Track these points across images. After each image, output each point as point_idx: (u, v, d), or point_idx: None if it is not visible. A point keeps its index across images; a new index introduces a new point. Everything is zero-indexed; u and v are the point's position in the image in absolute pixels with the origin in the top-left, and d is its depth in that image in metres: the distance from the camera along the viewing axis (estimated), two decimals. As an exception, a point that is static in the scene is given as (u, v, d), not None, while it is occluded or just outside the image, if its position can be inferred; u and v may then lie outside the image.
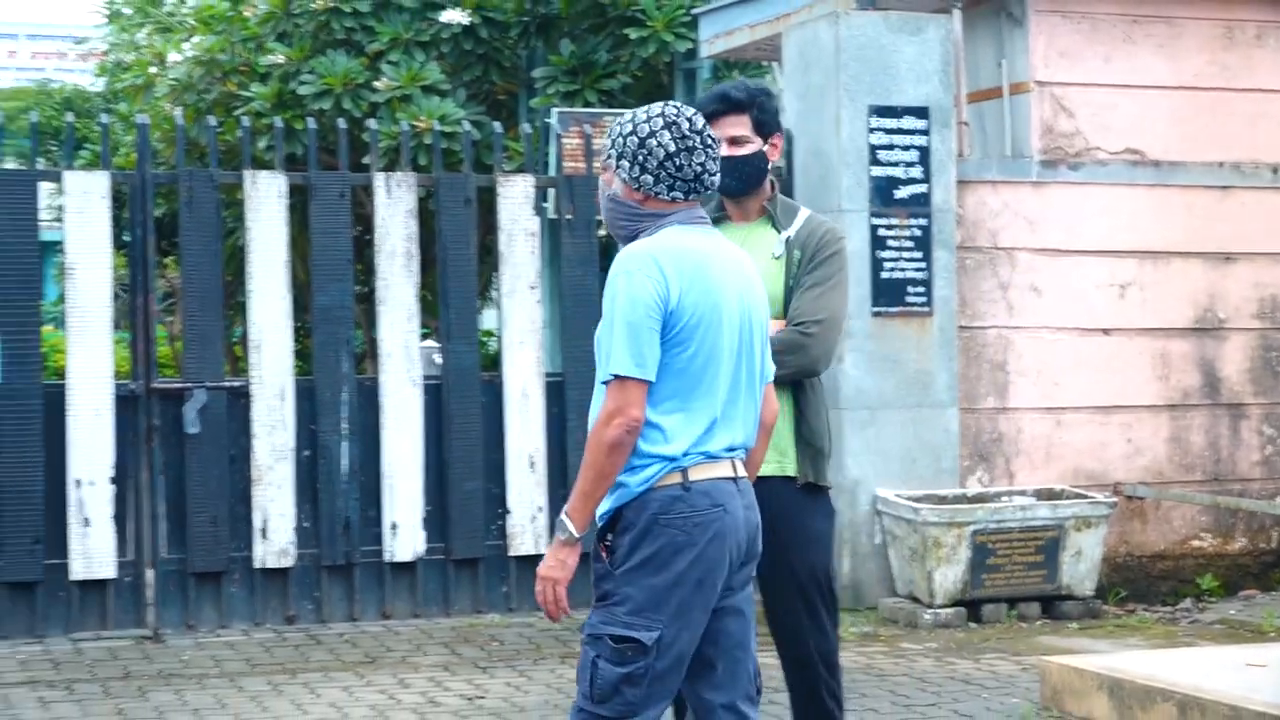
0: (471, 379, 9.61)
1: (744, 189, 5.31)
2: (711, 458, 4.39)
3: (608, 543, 4.39)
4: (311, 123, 9.68)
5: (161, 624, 9.06)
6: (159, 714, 7.45)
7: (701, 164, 4.45)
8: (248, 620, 9.20)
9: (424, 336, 11.03)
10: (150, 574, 9.10)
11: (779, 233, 5.31)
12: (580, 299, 9.60)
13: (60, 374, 9.16)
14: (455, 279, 9.63)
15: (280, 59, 12.67)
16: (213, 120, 10.10)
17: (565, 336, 9.80)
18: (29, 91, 18.67)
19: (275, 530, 9.20)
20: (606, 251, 9.76)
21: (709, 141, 4.47)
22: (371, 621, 9.32)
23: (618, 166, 4.50)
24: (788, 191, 9.91)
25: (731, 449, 4.44)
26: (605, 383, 4.35)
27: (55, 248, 11.70)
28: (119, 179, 9.32)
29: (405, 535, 9.38)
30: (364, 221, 11.28)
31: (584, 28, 12.91)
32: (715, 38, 11.22)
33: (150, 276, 9.23)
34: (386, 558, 9.37)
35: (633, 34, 12.51)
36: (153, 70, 14.90)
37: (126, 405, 9.08)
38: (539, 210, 9.87)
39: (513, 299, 9.69)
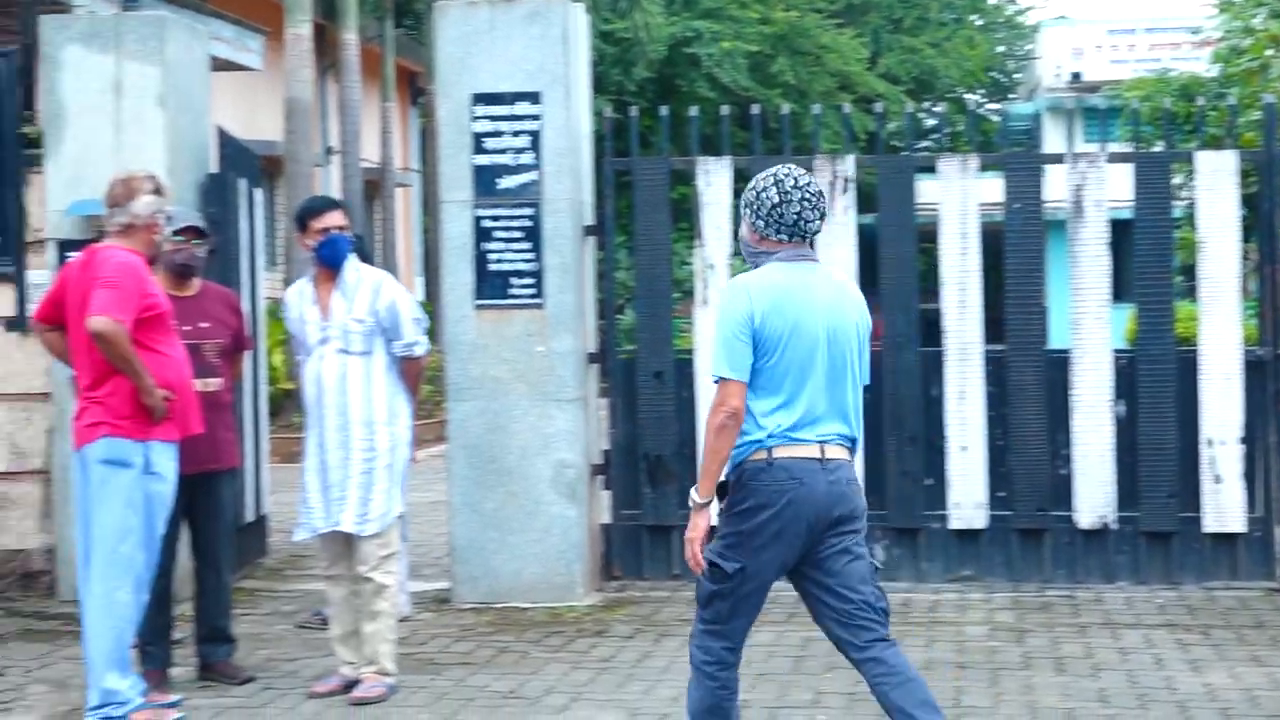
0: None
1: None
2: (795, 441, 5.25)
3: (723, 500, 5.35)
4: None
5: (1289, 577, 9.06)
6: (1291, 662, 7.49)
7: (798, 213, 5.30)
8: (1375, 578, 9.02)
9: None
10: (1278, 530, 9.10)
11: None
12: None
13: (1190, 341, 9.32)
14: None
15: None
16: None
17: None
18: (1149, 81, 18.97)
19: (1402, 492, 8.95)
20: None
21: (806, 195, 5.30)
22: None
23: (744, 214, 5.43)
24: None
25: (822, 436, 5.28)
26: (716, 381, 5.29)
27: (1175, 224, 11.88)
28: (1245, 157, 9.36)
29: None
30: None
31: None
32: None
33: (1278, 249, 9.22)
34: None
35: None
36: (1269, 53, 14.74)
37: (1254, 370, 9.14)
38: None
39: None
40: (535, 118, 9.14)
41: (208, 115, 9.88)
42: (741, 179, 9.54)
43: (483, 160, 9.19)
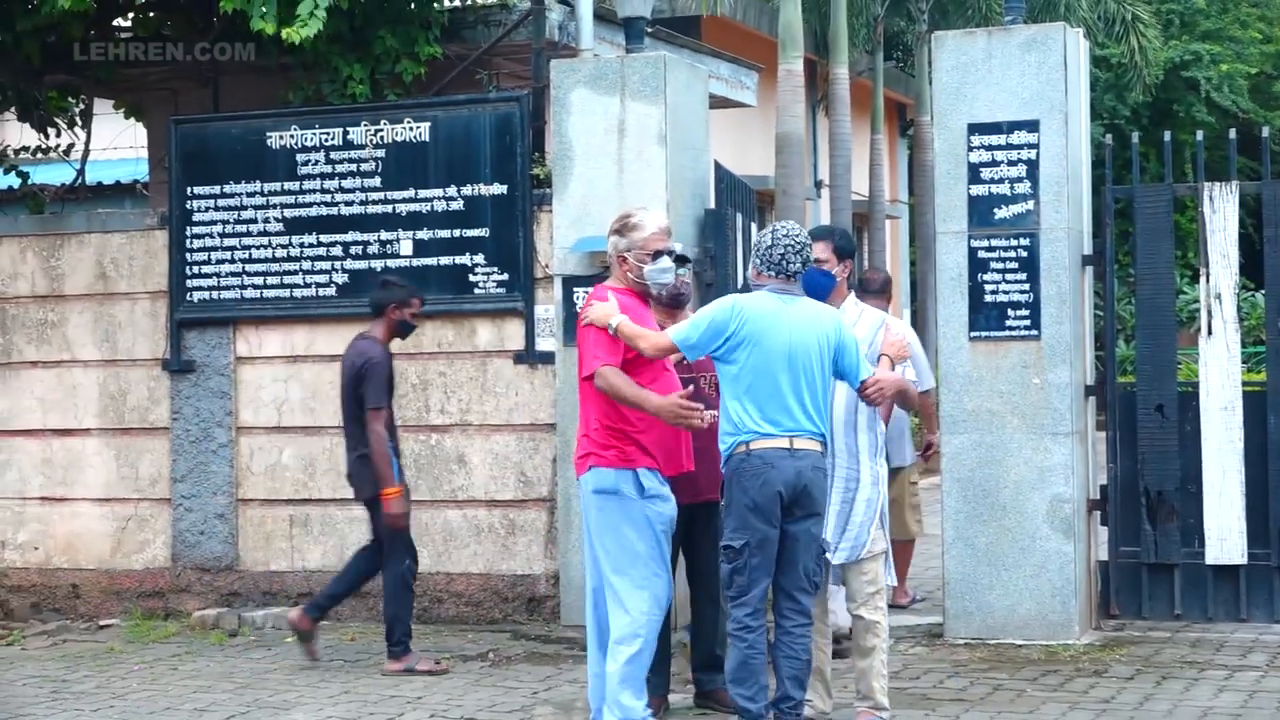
0: None
1: None
2: (766, 435, 6.57)
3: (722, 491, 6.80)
4: None
5: None
6: None
7: (781, 255, 6.68)
8: None
9: None
10: None
11: None
12: None
13: None
14: None
15: None
16: None
17: None
18: None
19: None
20: None
21: (791, 243, 6.68)
22: None
23: (750, 256, 6.84)
24: None
25: (790, 430, 6.58)
26: (671, 340, 6.74)
27: None
28: None
29: None
30: None
31: None
32: None
33: None
34: None
35: None
36: None
37: None
38: None
39: None
40: (1032, 146, 8.88)
41: (706, 152, 9.99)
42: (1246, 206, 9.06)
43: (978, 190, 8.99)
